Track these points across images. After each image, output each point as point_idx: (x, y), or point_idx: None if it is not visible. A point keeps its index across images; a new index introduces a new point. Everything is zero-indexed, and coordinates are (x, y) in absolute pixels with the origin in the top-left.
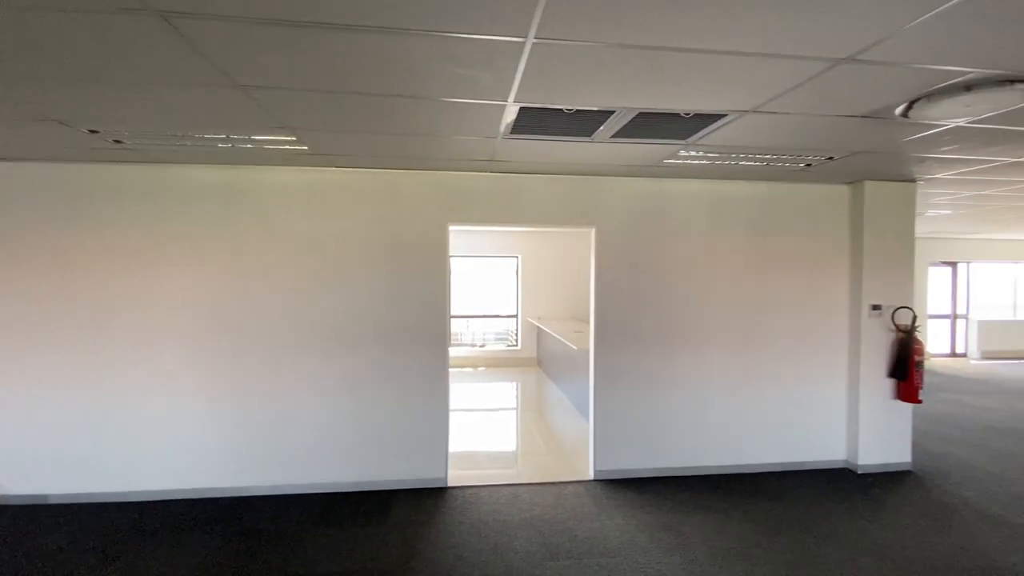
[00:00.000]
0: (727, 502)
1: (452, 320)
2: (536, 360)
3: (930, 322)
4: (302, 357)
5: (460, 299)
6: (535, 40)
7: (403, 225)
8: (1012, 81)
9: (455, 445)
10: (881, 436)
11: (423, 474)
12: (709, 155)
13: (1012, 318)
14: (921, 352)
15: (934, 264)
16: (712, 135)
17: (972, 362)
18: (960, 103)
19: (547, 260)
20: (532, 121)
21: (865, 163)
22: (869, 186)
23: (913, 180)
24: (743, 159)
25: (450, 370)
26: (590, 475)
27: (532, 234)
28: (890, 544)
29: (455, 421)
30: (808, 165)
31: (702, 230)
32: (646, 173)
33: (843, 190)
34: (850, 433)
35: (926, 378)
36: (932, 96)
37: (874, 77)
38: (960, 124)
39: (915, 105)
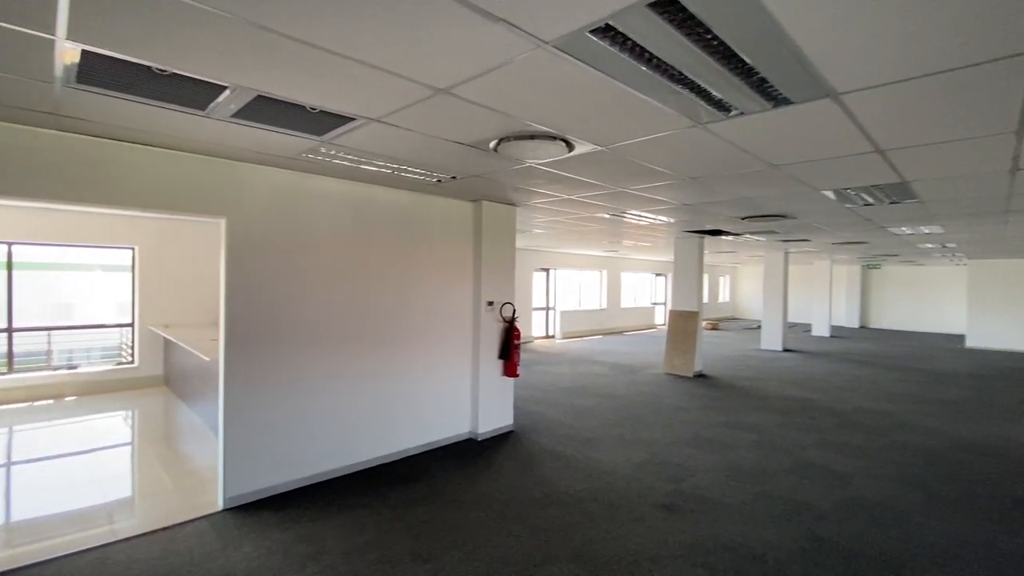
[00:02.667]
0: (372, 495)
1: (15, 334)
2: (163, 379)
3: (534, 313)
4: None
5: (32, 302)
6: None
7: None
8: (555, 138)
9: (15, 513)
10: (494, 407)
11: None
12: (348, 156)
13: (579, 308)
14: (519, 337)
15: (536, 270)
16: (345, 137)
17: (558, 341)
18: (528, 148)
19: (175, 254)
20: (110, 74)
21: (481, 186)
22: (486, 205)
23: (513, 204)
24: (380, 166)
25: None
26: (219, 506)
27: (156, 220)
28: (493, 492)
29: (16, 481)
30: (439, 181)
31: (349, 229)
32: (288, 165)
33: (468, 206)
34: (473, 408)
35: (530, 356)
36: (510, 139)
37: (467, 112)
38: (532, 164)
39: (502, 143)
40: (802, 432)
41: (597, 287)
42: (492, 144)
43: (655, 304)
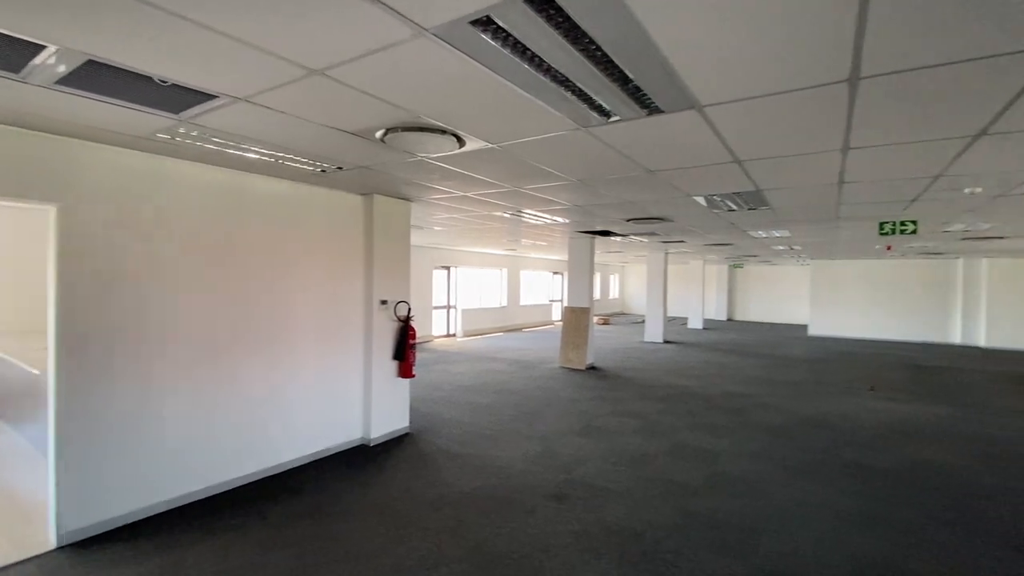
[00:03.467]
0: (248, 514)
1: None
2: None
3: (435, 312)
4: None
5: None
6: None
7: None
8: (445, 132)
9: None
10: (388, 409)
11: None
12: (216, 140)
13: (481, 307)
14: (415, 336)
15: (436, 268)
16: (208, 117)
17: (459, 339)
18: (417, 140)
19: None
20: None
21: (372, 178)
22: (378, 199)
23: (408, 199)
24: (256, 152)
25: None
26: (51, 544)
27: None
28: (385, 499)
29: None
30: (324, 171)
31: (218, 221)
32: (140, 146)
33: (359, 200)
34: (365, 412)
35: (429, 355)
36: (398, 130)
37: (348, 98)
38: (424, 158)
39: (389, 133)
40: (678, 416)
41: (498, 285)
42: (379, 134)
43: (553, 301)
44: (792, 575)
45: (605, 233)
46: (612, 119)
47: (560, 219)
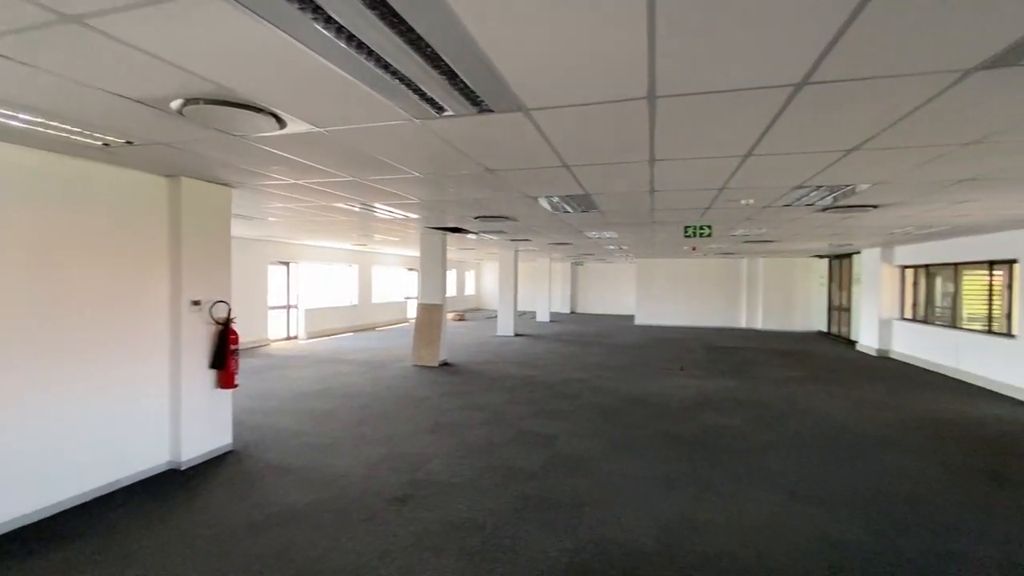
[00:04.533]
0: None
1: None
2: None
3: (272, 313)
4: None
5: None
6: None
7: None
8: (260, 109)
9: None
10: (204, 426)
11: None
12: None
13: (328, 305)
14: (237, 341)
15: (273, 263)
16: None
17: (301, 342)
18: (223, 116)
19: None
20: None
21: (175, 157)
22: (187, 183)
23: (228, 184)
24: (4, 115)
25: None
26: None
27: None
28: (196, 528)
29: None
30: (106, 144)
31: None
32: None
33: (162, 183)
34: (174, 431)
35: (263, 361)
36: (199, 102)
37: (125, 56)
38: (241, 139)
39: (189, 105)
40: (523, 405)
41: (348, 282)
42: (175, 105)
43: (409, 299)
44: (610, 540)
45: (457, 230)
46: (445, 114)
47: (411, 214)
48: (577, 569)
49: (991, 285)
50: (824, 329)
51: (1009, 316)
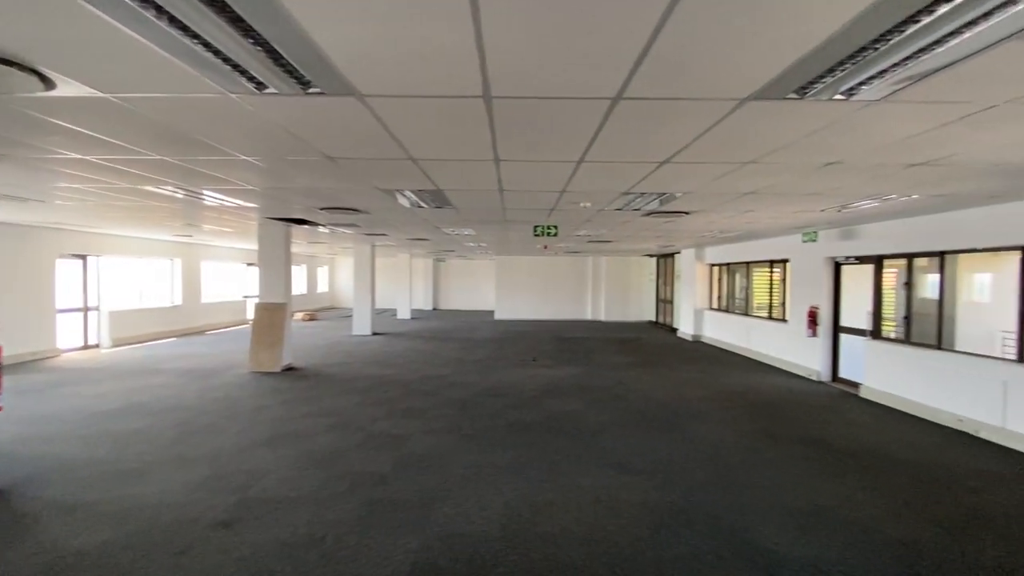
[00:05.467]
0: None
1: None
2: None
3: (61, 317)
4: None
5: None
6: None
7: None
8: (12, 63)
9: None
10: None
11: None
12: None
13: (140, 307)
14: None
15: (64, 256)
16: None
17: (104, 351)
18: None
19: None
20: None
21: None
22: None
23: None
24: None
25: None
26: None
27: None
28: None
29: None
30: None
31: None
32: None
33: None
34: None
35: (48, 377)
36: None
37: None
38: None
39: None
40: (376, 407)
41: (168, 279)
42: None
43: (248, 297)
44: (457, 534)
45: (303, 222)
46: (268, 91)
47: (247, 203)
48: (422, 568)
49: (771, 280)
50: (654, 319)
51: (784, 305)
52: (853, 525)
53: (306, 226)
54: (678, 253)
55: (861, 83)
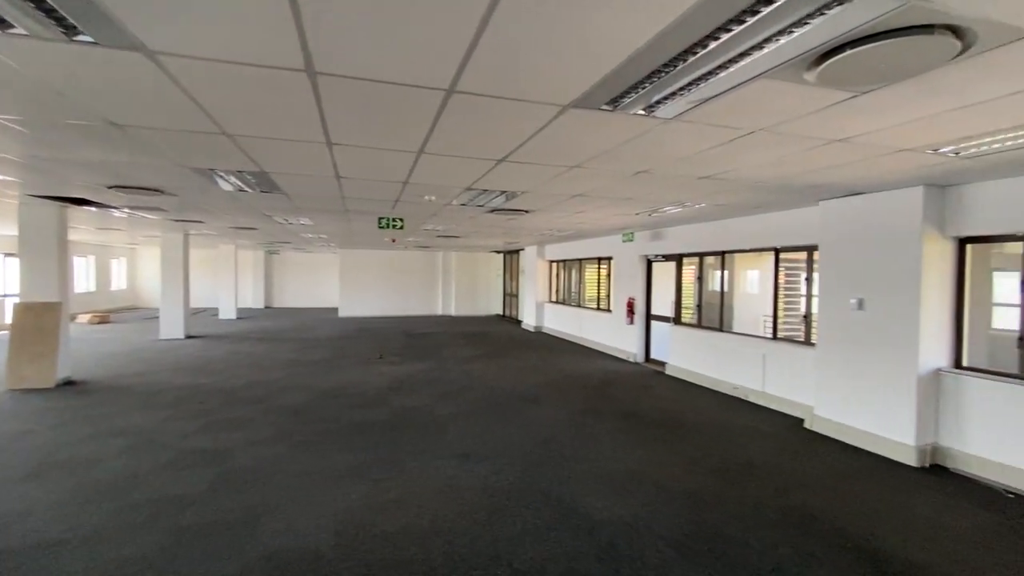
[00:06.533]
0: None
1: None
2: None
3: None
4: None
5: None
6: None
7: None
8: None
9: None
10: None
11: None
12: None
13: None
14: None
15: None
16: None
17: None
18: None
19: None
20: None
21: None
22: None
23: None
24: None
25: None
26: None
27: None
28: None
29: None
30: None
31: None
32: None
33: None
34: None
35: None
36: None
37: None
38: None
39: None
40: (188, 421)
41: None
42: None
43: (7, 296)
44: (285, 550)
45: (80, 202)
46: (14, 31)
47: (4, 176)
48: None
49: (599, 276)
50: (501, 313)
51: (609, 297)
52: (655, 484)
53: (91, 208)
54: (522, 250)
55: (659, 101)
